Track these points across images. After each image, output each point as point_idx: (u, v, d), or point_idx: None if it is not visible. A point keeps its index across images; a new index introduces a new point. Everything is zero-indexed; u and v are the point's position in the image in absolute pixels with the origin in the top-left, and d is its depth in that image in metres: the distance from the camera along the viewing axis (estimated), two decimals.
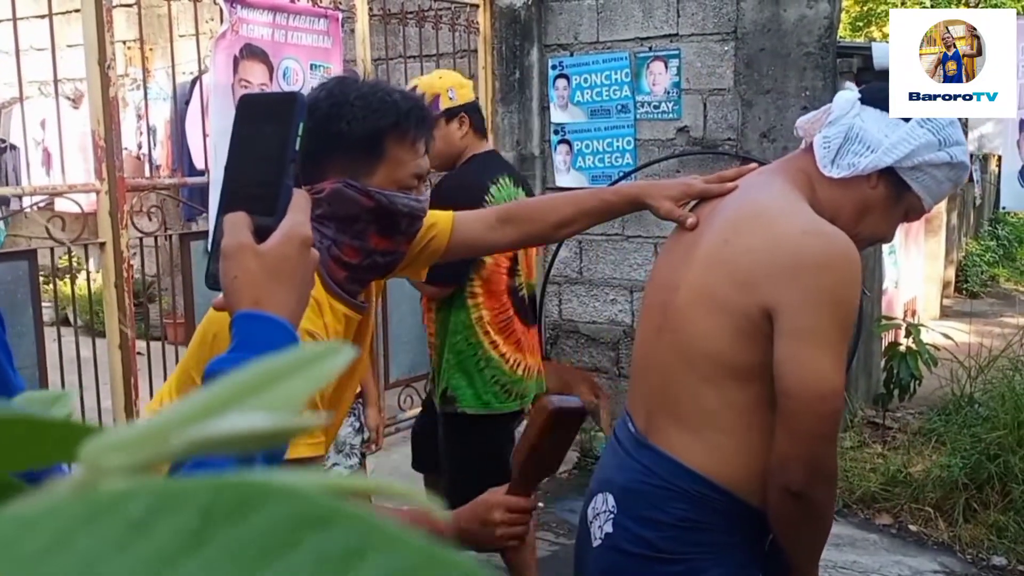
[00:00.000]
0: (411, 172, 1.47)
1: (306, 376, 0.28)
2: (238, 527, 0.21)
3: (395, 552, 0.20)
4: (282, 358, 0.29)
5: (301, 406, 0.28)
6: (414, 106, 1.46)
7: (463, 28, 5.29)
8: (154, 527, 0.21)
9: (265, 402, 0.27)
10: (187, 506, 0.21)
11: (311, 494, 0.21)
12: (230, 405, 0.27)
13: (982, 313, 8.63)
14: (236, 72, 3.69)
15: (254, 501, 0.21)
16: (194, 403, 0.27)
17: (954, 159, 1.56)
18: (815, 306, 1.40)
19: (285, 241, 0.88)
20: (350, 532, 0.21)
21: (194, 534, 0.21)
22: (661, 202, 1.69)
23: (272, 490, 0.21)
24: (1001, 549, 3.83)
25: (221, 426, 0.26)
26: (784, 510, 1.46)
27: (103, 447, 0.25)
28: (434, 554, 0.20)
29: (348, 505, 0.21)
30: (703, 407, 1.52)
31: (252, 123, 0.95)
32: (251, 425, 0.26)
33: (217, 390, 0.27)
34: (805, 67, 4.50)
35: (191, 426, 0.26)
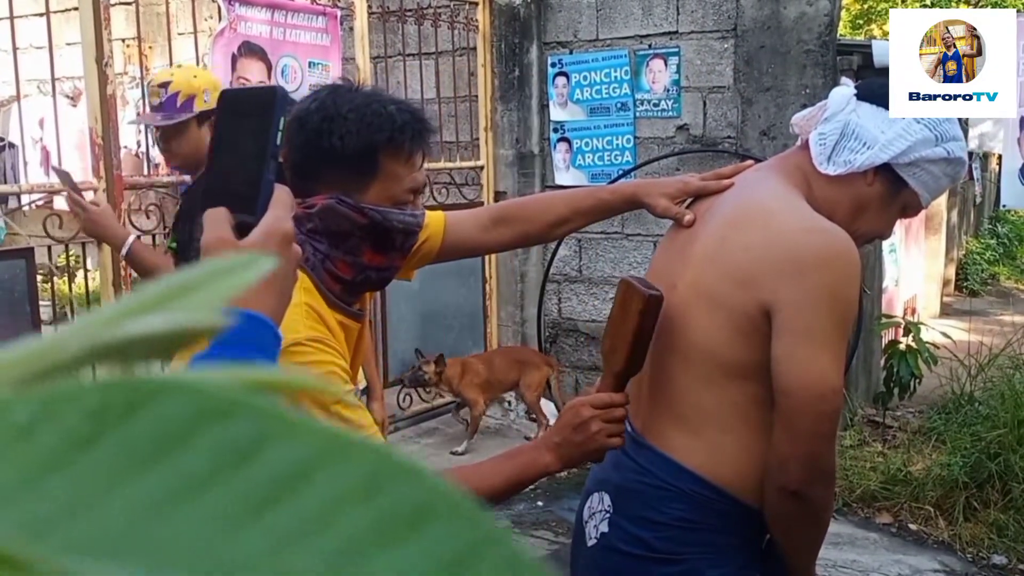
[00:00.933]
0: (406, 187, 1.41)
1: (221, 285, 0.27)
2: (129, 426, 0.20)
3: (296, 440, 0.20)
4: (197, 268, 0.28)
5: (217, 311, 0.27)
6: (410, 119, 1.40)
7: (462, 26, 5.29)
8: (39, 432, 0.20)
9: (179, 308, 0.26)
10: (75, 409, 0.20)
11: (209, 388, 0.21)
12: (139, 311, 0.26)
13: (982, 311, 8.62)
14: (234, 70, 3.68)
15: (147, 398, 0.20)
16: (99, 313, 0.26)
17: (951, 155, 1.54)
18: (814, 304, 1.39)
19: (266, 237, 0.87)
20: (249, 423, 0.20)
21: (82, 434, 0.20)
22: (657, 200, 1.68)
23: (168, 385, 0.21)
24: (1001, 548, 3.82)
25: (120, 330, 0.25)
26: (782, 510, 1.45)
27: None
28: (336, 440, 0.20)
29: (249, 396, 0.21)
30: (701, 406, 1.51)
31: (233, 118, 0.93)
32: (153, 327, 0.25)
33: (126, 300, 0.26)
34: (805, 65, 4.50)
35: (93, 333, 0.25)
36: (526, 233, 1.78)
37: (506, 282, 5.45)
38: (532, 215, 1.77)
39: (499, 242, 1.79)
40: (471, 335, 5.32)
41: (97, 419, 0.20)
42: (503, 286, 5.46)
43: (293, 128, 1.37)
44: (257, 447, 0.19)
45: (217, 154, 0.94)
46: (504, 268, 5.39)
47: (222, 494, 0.19)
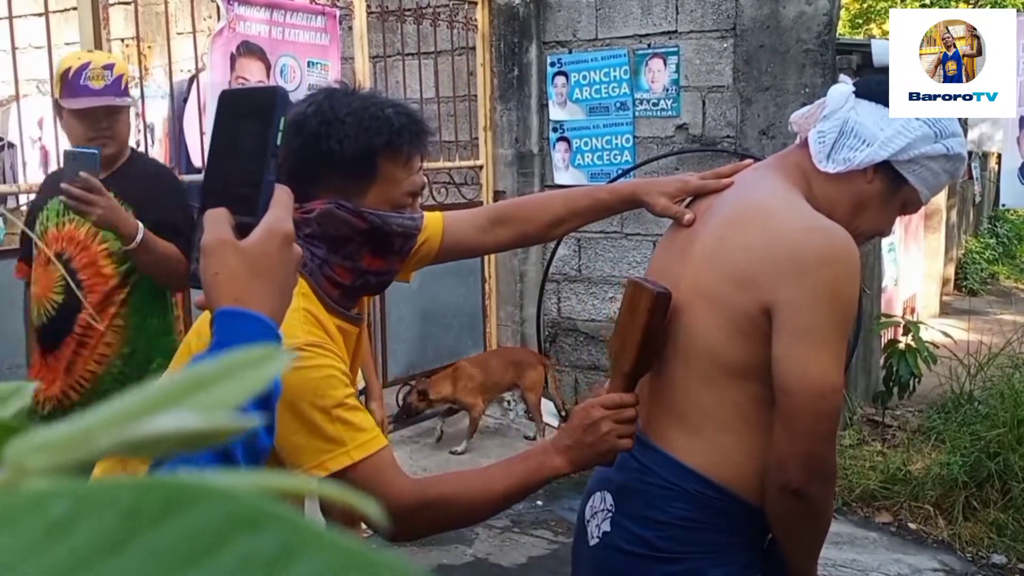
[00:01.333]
0: (405, 191, 1.40)
1: (242, 379, 0.28)
2: (162, 529, 0.20)
3: (323, 554, 0.20)
4: (219, 361, 0.28)
5: (235, 408, 0.27)
6: (407, 121, 1.39)
7: (461, 25, 5.28)
8: (74, 529, 0.20)
9: (200, 404, 0.27)
10: (110, 507, 0.21)
11: (240, 495, 0.21)
12: (164, 406, 0.26)
13: (981, 311, 8.62)
14: (233, 69, 3.68)
15: (180, 502, 0.21)
16: (127, 403, 0.26)
17: (951, 151, 1.54)
18: (815, 303, 1.39)
19: (266, 237, 0.87)
20: (278, 534, 0.20)
21: (116, 536, 0.20)
22: (657, 199, 1.68)
23: (200, 491, 0.21)
24: (1001, 547, 3.82)
25: (149, 426, 0.25)
26: (783, 508, 1.45)
27: (28, 447, 0.25)
28: (362, 556, 0.20)
29: (278, 507, 0.21)
30: (702, 406, 1.51)
31: (233, 118, 0.93)
32: (179, 425, 0.25)
33: (152, 391, 0.27)
34: (804, 64, 4.50)
35: (121, 426, 0.25)
36: (524, 233, 1.77)
37: (505, 282, 5.45)
38: (530, 215, 1.77)
39: (497, 243, 1.79)
40: (470, 335, 5.32)
41: (131, 521, 0.20)
42: (502, 286, 5.46)
43: (290, 133, 1.34)
44: (284, 560, 0.20)
45: (216, 154, 0.94)
46: (503, 268, 5.39)
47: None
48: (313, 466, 1.30)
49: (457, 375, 4.74)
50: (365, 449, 1.32)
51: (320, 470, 1.30)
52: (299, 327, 1.32)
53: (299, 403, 1.28)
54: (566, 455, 1.43)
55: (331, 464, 1.30)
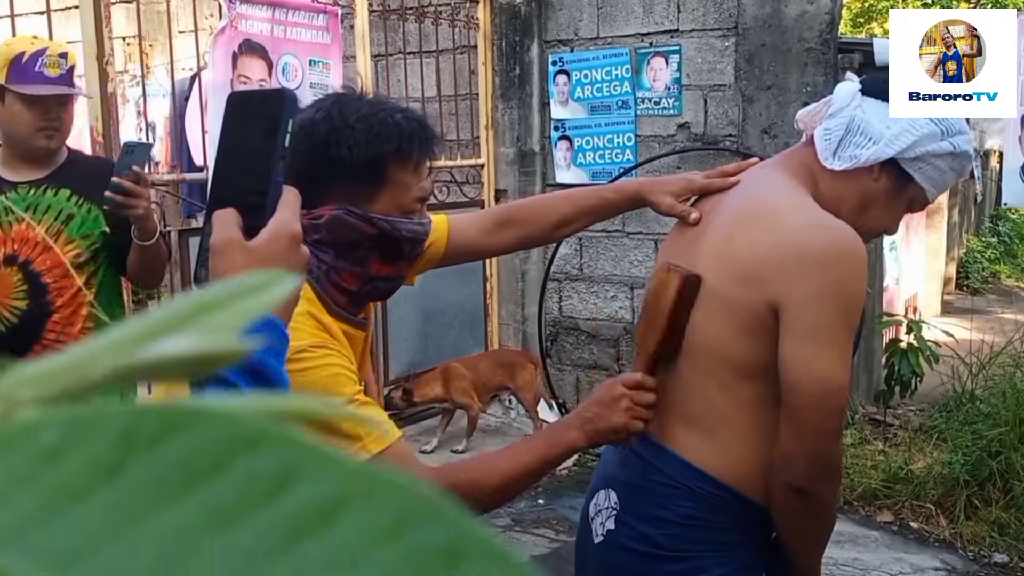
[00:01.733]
0: (414, 196, 1.40)
1: (241, 306, 0.27)
2: (159, 453, 0.20)
3: (327, 474, 0.20)
4: (221, 287, 0.28)
5: (239, 332, 0.27)
6: (417, 127, 1.39)
7: (463, 24, 5.28)
8: (67, 456, 0.20)
9: (202, 328, 0.26)
10: (103, 433, 0.20)
11: (239, 416, 0.20)
12: (164, 332, 0.26)
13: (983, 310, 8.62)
14: (235, 68, 3.68)
15: (177, 425, 0.20)
16: (125, 330, 0.26)
17: (957, 149, 1.54)
18: (821, 301, 1.38)
19: (274, 238, 0.88)
20: (280, 455, 0.20)
21: (110, 461, 0.20)
22: (662, 198, 1.67)
23: (197, 413, 0.20)
24: (1003, 546, 3.82)
25: (148, 352, 0.24)
26: (787, 506, 1.45)
27: (17, 380, 0.24)
28: (368, 475, 0.20)
29: (279, 427, 0.20)
30: (707, 404, 1.50)
31: (241, 120, 0.94)
32: (179, 349, 0.24)
33: (151, 318, 0.26)
34: (806, 63, 4.49)
35: (119, 353, 0.25)
36: (529, 235, 1.77)
37: (507, 280, 5.45)
38: (534, 216, 1.77)
39: (503, 244, 1.79)
40: (472, 334, 5.32)
41: (126, 445, 0.20)
42: (504, 285, 5.46)
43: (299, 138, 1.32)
44: (287, 480, 0.19)
45: (224, 155, 0.94)
46: (505, 267, 5.39)
47: (251, 528, 0.19)
48: None
49: (447, 376, 4.70)
50: (381, 442, 1.33)
51: None
52: (304, 330, 1.32)
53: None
54: (582, 429, 1.44)
55: None
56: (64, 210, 2.45)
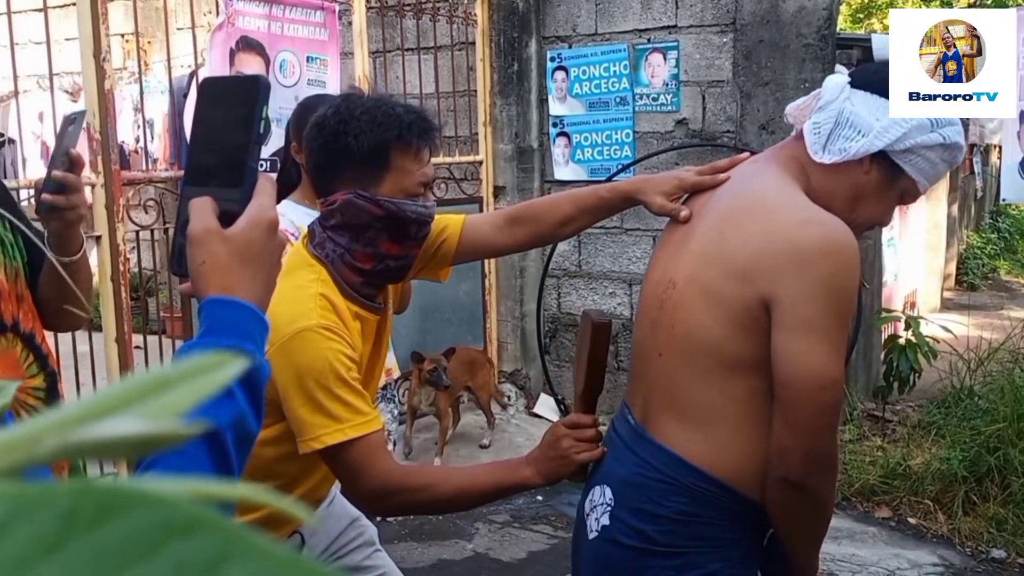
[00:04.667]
0: (417, 180, 1.55)
1: (193, 385, 0.28)
2: (98, 532, 0.21)
3: (255, 562, 0.20)
4: (172, 367, 0.29)
5: (184, 415, 0.28)
6: (416, 118, 1.53)
7: (460, 20, 5.28)
8: (11, 532, 0.21)
9: (148, 409, 0.27)
10: (47, 511, 0.21)
11: (176, 501, 0.21)
12: (111, 411, 0.27)
13: (982, 306, 8.61)
14: (232, 65, 3.68)
15: (117, 506, 0.21)
16: (74, 408, 0.26)
17: (947, 140, 1.53)
18: (813, 295, 1.38)
19: (252, 226, 0.88)
20: (212, 540, 0.20)
21: (53, 538, 0.20)
22: (654, 197, 1.70)
23: (136, 496, 0.21)
24: (1000, 542, 3.82)
25: (94, 431, 0.25)
26: (783, 501, 1.45)
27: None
28: (293, 564, 0.20)
29: (212, 513, 0.21)
30: (702, 400, 1.50)
31: (215, 106, 0.93)
32: (123, 430, 0.25)
33: (100, 396, 0.27)
34: (804, 58, 4.49)
35: (66, 430, 0.26)
36: (537, 233, 1.86)
37: (506, 277, 5.45)
38: (541, 214, 1.85)
39: (514, 242, 1.87)
40: (471, 330, 5.32)
41: (68, 523, 0.21)
42: (503, 281, 5.46)
43: (312, 132, 1.54)
44: (218, 565, 0.20)
45: (198, 141, 0.94)
46: (504, 263, 5.38)
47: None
48: (312, 438, 1.46)
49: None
50: (360, 429, 1.47)
51: (317, 443, 1.46)
52: (314, 310, 1.47)
53: (306, 380, 1.45)
54: (534, 467, 1.61)
55: (328, 439, 1.45)
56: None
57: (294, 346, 1.46)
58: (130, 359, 3.38)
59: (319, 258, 1.58)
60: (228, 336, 0.83)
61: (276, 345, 1.45)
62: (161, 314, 4.66)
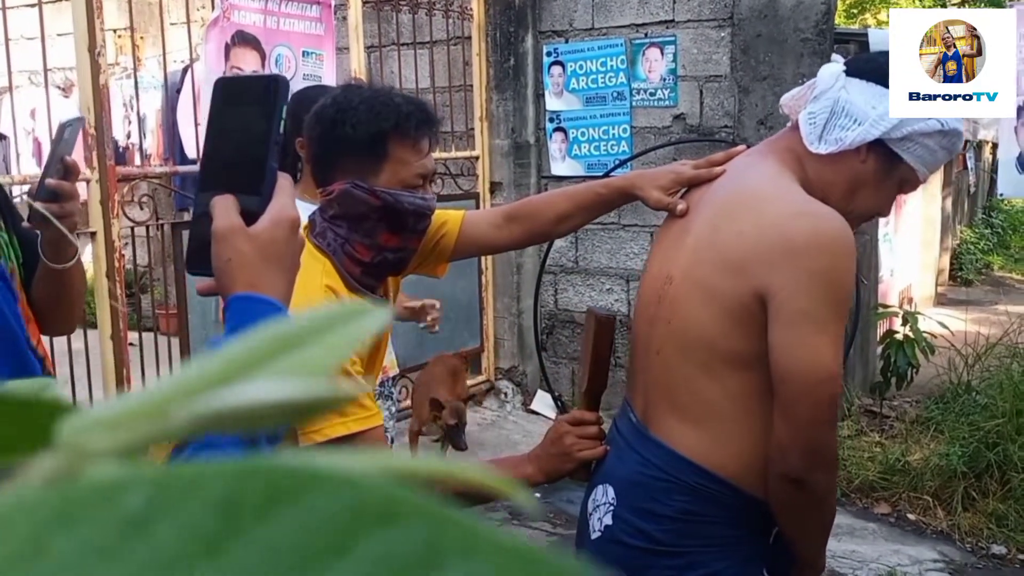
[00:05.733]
0: (415, 172, 1.53)
1: (335, 338, 0.23)
2: (268, 525, 0.16)
3: (478, 555, 0.16)
4: (306, 318, 0.24)
5: (330, 373, 0.23)
6: (415, 108, 1.52)
7: (456, 15, 5.25)
8: (155, 526, 0.16)
9: (286, 368, 0.22)
10: (199, 499, 0.17)
11: (364, 482, 0.17)
12: (243, 372, 0.22)
13: (977, 301, 8.63)
14: (228, 59, 3.65)
15: (289, 490, 0.17)
16: (199, 370, 0.22)
17: (946, 126, 1.51)
18: (809, 289, 1.37)
19: (275, 224, 0.89)
20: (419, 530, 0.16)
21: (209, 534, 0.16)
22: (650, 192, 1.69)
23: (312, 476, 0.17)
24: (1000, 538, 3.82)
25: (234, 397, 0.21)
26: (785, 497, 1.44)
27: (85, 425, 0.20)
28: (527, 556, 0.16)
29: (413, 494, 0.17)
30: (701, 397, 1.49)
31: (233, 106, 0.93)
32: (273, 394, 0.21)
33: (227, 355, 0.22)
34: (802, 53, 4.47)
35: (195, 398, 0.21)
36: (534, 230, 1.84)
37: (502, 273, 5.43)
38: (539, 212, 1.83)
39: (511, 238, 1.86)
40: (467, 327, 5.30)
41: (227, 515, 0.16)
42: (499, 277, 5.44)
43: (312, 122, 1.53)
44: (434, 561, 0.16)
45: (216, 141, 0.93)
46: (500, 259, 5.36)
47: None
48: (314, 431, 1.44)
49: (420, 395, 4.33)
50: (362, 424, 1.45)
51: (319, 436, 1.44)
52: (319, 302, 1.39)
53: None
54: (535, 464, 1.60)
55: (330, 431, 1.44)
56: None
57: None
58: (126, 356, 3.35)
59: (321, 248, 1.56)
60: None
61: None
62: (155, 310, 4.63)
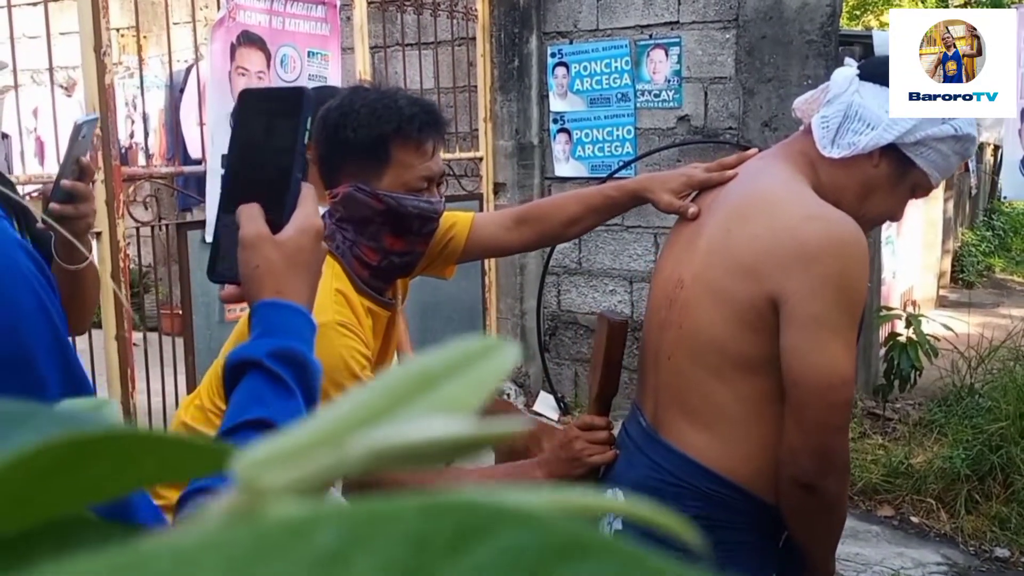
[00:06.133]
0: (419, 175, 1.52)
1: (470, 376, 0.24)
2: (462, 561, 0.17)
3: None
4: (438, 357, 0.24)
5: (472, 409, 0.23)
6: (419, 111, 1.50)
7: (461, 15, 5.24)
8: (352, 563, 0.17)
9: (429, 406, 0.23)
10: (391, 535, 0.17)
11: (551, 518, 0.17)
12: (393, 409, 0.22)
13: (979, 303, 8.63)
14: (233, 59, 3.64)
15: (479, 527, 0.17)
16: (356, 403, 0.22)
17: (959, 131, 1.51)
18: (821, 293, 1.37)
19: (300, 233, 0.91)
20: (609, 566, 0.17)
21: (405, 569, 0.16)
22: (661, 196, 1.69)
23: (500, 513, 0.17)
24: (1004, 541, 3.82)
25: (401, 433, 0.21)
26: (796, 502, 1.43)
27: (260, 461, 0.21)
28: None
29: (596, 532, 0.17)
30: (712, 401, 1.49)
31: (258, 117, 0.96)
32: (446, 430, 0.21)
33: (370, 392, 0.23)
34: (807, 55, 4.47)
35: (362, 431, 0.21)
36: (544, 232, 1.83)
37: (505, 274, 5.42)
38: (547, 214, 1.83)
39: (521, 241, 1.85)
40: (470, 327, 5.30)
41: (420, 550, 0.17)
42: (502, 278, 5.43)
43: (317, 125, 1.51)
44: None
45: (240, 152, 0.96)
46: (504, 260, 5.36)
47: None
48: None
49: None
50: None
51: None
52: (329, 306, 1.45)
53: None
54: (545, 469, 1.59)
55: None
56: None
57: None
58: (130, 356, 3.34)
59: (330, 251, 1.56)
60: (285, 337, 0.87)
61: None
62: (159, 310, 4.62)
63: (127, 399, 3.29)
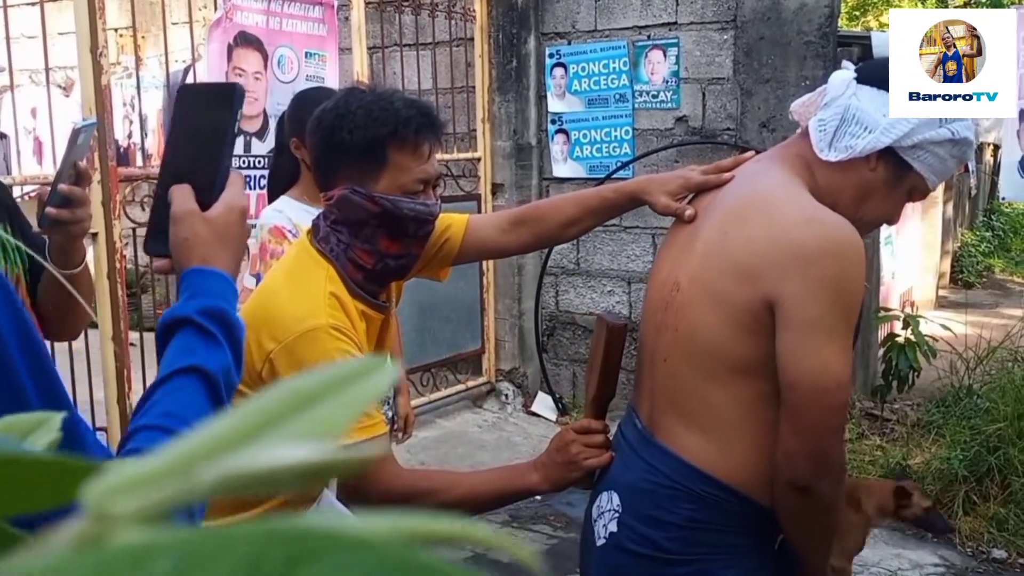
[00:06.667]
0: (415, 177, 1.51)
1: (346, 397, 0.24)
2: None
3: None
4: (316, 377, 0.24)
5: (343, 432, 0.23)
6: (415, 113, 1.49)
7: (459, 16, 5.25)
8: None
9: (301, 427, 0.23)
10: (225, 562, 0.17)
11: (382, 544, 0.17)
12: (259, 432, 0.22)
13: (978, 304, 8.62)
14: (230, 60, 3.64)
15: (310, 552, 0.17)
16: (216, 430, 0.22)
17: (956, 135, 1.51)
18: (817, 296, 1.36)
19: (228, 210, 1.01)
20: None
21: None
22: (658, 197, 1.68)
23: (332, 538, 0.17)
24: (1001, 542, 3.81)
25: (256, 459, 0.21)
26: (791, 505, 1.43)
27: (109, 488, 0.21)
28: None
29: (428, 555, 0.17)
30: (708, 404, 1.48)
31: (193, 109, 1.05)
32: (295, 457, 0.21)
33: (242, 414, 0.23)
34: (805, 56, 4.47)
35: (215, 458, 0.21)
36: (541, 234, 1.82)
37: (504, 275, 5.42)
38: (546, 216, 1.82)
39: (518, 243, 1.84)
40: (469, 328, 5.30)
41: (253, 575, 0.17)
42: (501, 279, 5.43)
43: (312, 127, 1.51)
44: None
45: (177, 140, 1.06)
46: (501, 261, 5.36)
47: None
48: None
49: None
50: (366, 432, 1.44)
51: None
52: (324, 309, 1.46)
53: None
54: (541, 472, 1.59)
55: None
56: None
57: (302, 345, 1.44)
58: (126, 357, 3.34)
59: (324, 254, 1.55)
60: (210, 298, 0.95)
61: (284, 343, 1.43)
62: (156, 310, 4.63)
63: (123, 398, 3.29)
